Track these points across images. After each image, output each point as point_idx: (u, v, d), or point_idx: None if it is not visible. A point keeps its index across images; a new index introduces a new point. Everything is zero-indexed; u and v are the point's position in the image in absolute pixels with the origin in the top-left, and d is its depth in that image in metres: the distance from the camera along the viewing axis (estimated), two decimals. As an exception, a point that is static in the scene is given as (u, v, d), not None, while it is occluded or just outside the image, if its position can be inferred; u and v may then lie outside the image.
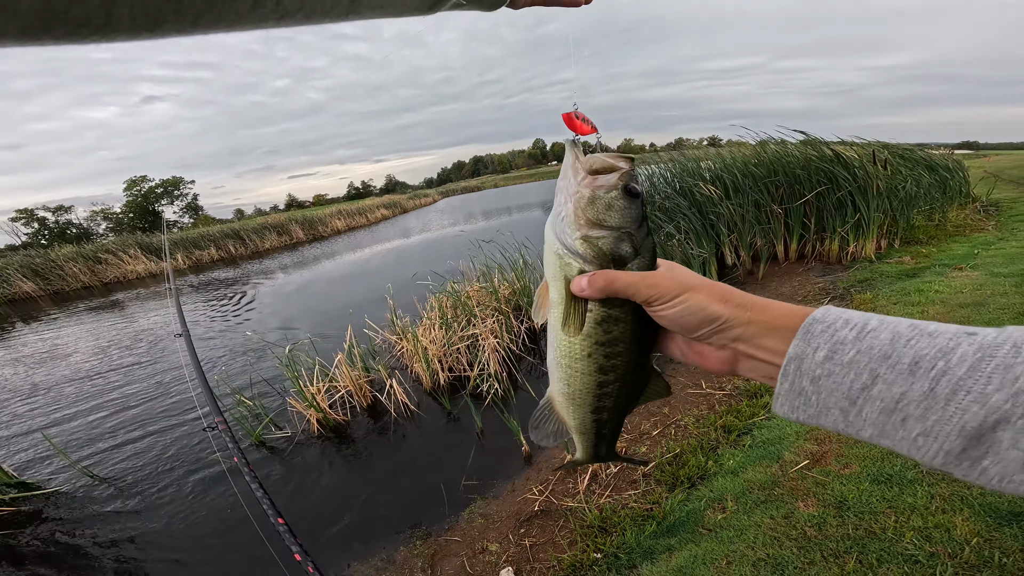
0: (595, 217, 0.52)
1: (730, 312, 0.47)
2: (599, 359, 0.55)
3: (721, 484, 2.53)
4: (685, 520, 2.36)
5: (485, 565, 2.40)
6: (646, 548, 2.27)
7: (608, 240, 0.52)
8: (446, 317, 5.17)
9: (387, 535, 2.81)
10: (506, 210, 25.24)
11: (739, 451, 2.84)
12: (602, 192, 0.52)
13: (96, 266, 17.64)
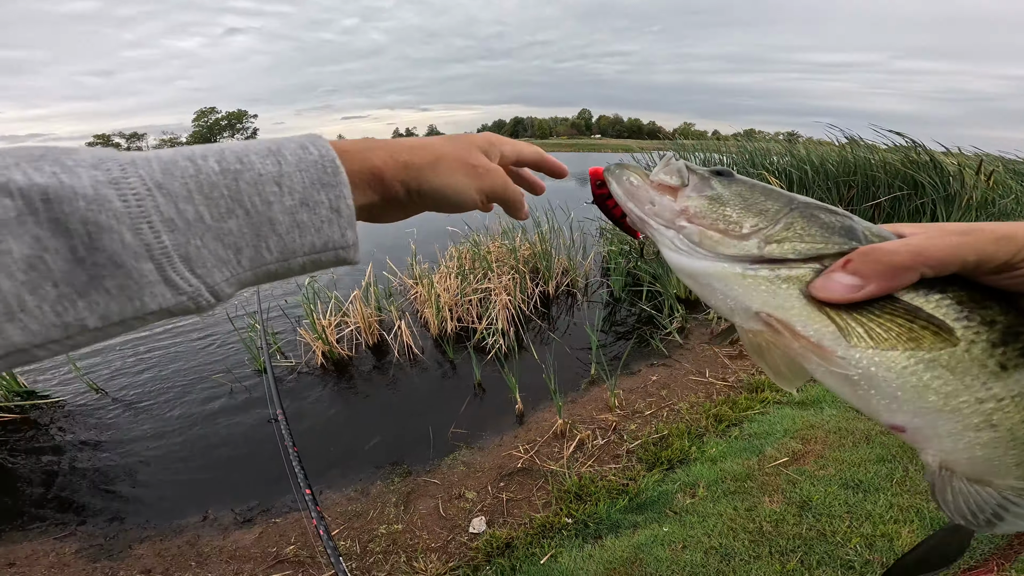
0: (746, 209, 0.35)
1: None
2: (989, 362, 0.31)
3: (698, 470, 2.58)
4: (656, 500, 2.41)
5: (459, 510, 2.49)
6: (614, 521, 2.31)
7: (799, 220, 0.34)
8: (463, 268, 5.17)
9: (366, 468, 2.93)
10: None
11: (724, 441, 2.88)
12: (708, 189, 0.37)
13: None
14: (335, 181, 0.35)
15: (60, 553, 2.44)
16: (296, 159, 0.34)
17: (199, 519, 2.70)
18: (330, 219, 0.35)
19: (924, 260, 0.30)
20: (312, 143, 0.36)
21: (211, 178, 0.31)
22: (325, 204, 0.35)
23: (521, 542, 2.22)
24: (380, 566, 2.17)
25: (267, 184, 0.33)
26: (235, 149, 0.33)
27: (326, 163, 0.35)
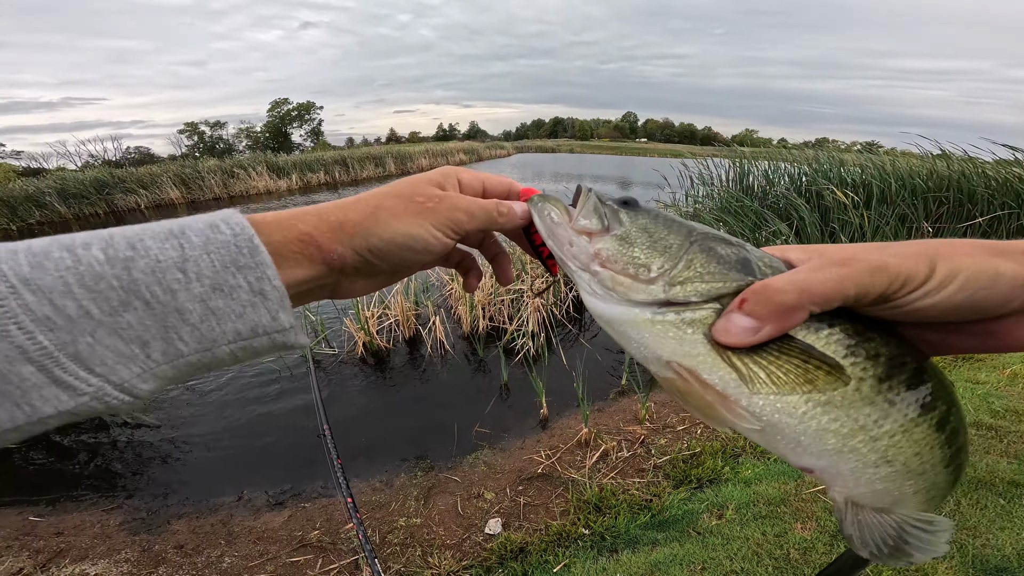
0: (651, 249, 0.34)
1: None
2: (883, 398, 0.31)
3: (728, 491, 2.47)
4: (680, 518, 2.32)
5: (476, 510, 2.50)
6: (633, 536, 2.24)
7: (699, 257, 0.33)
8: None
9: (393, 460, 3.00)
10: (577, 176, 24.30)
11: (762, 463, 2.74)
12: (618, 226, 0.36)
13: (228, 179, 19.09)
14: (253, 262, 0.32)
15: (105, 525, 2.61)
16: (203, 241, 0.31)
17: (234, 499, 2.84)
18: (253, 303, 0.32)
19: (810, 298, 0.29)
20: (225, 220, 0.33)
21: (94, 269, 0.28)
22: (244, 288, 0.32)
23: (535, 548, 2.19)
24: (397, 558, 2.20)
25: (168, 271, 0.30)
26: (127, 234, 0.30)
27: (240, 242, 0.32)
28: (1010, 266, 0.29)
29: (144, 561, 2.24)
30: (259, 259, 0.32)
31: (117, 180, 16.48)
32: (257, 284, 0.32)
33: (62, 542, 2.42)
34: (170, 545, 2.45)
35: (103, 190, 15.89)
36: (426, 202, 0.40)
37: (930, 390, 0.32)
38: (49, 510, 2.70)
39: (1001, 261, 0.29)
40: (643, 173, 26.30)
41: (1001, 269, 0.29)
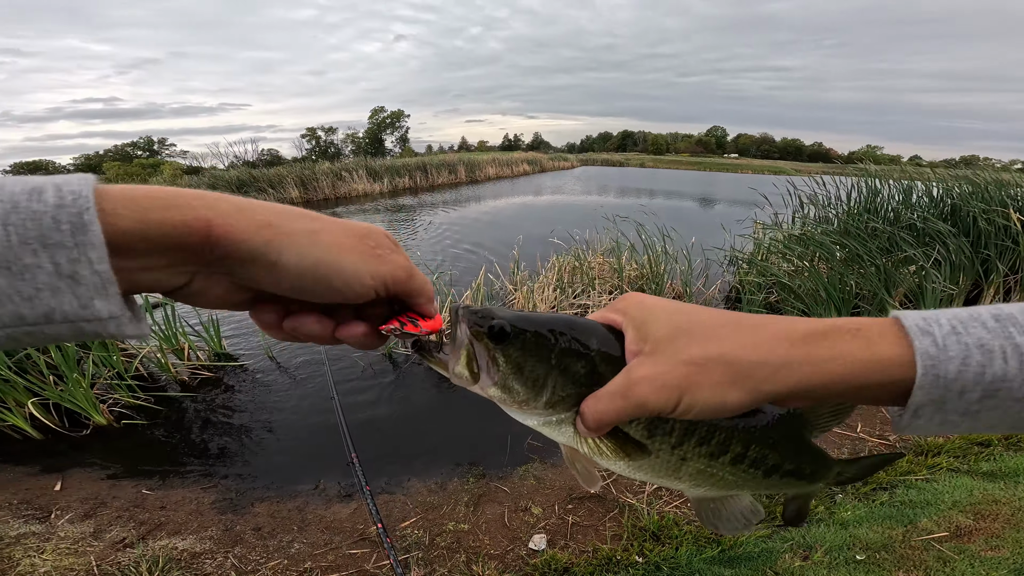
0: (524, 388, 0.42)
1: (759, 395, 0.35)
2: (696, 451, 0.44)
3: (820, 532, 2.17)
4: (755, 556, 2.06)
5: (522, 523, 2.43)
6: (695, 569, 2.03)
7: (559, 382, 0.41)
8: (563, 280, 5.13)
9: (448, 465, 3.03)
10: (648, 192, 22.99)
11: (864, 505, 2.42)
12: (495, 370, 0.42)
13: (336, 181, 21.08)
14: (71, 241, 0.27)
15: (200, 502, 2.86)
16: (6, 208, 0.26)
17: (312, 488, 3.06)
18: (55, 287, 0.27)
19: (604, 424, 0.39)
20: (59, 186, 0.28)
21: None
22: (46, 269, 0.27)
23: (581, 570, 2.07)
24: (442, 561, 2.21)
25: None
26: None
27: (62, 216, 0.27)
28: (736, 396, 0.35)
29: (224, 540, 2.47)
30: (82, 239, 0.27)
31: (253, 180, 18.71)
32: (69, 266, 0.27)
33: (163, 516, 2.70)
34: (249, 526, 2.68)
35: (242, 188, 17.93)
36: (376, 249, 0.38)
37: (722, 439, 0.44)
38: (159, 484, 3.04)
39: (732, 392, 0.35)
40: (731, 190, 24.36)
41: (728, 400, 0.35)
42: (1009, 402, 0.31)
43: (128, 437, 3.53)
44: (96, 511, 2.67)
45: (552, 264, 5.72)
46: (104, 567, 2.11)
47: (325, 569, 2.20)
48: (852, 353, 0.33)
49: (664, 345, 0.37)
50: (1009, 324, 0.32)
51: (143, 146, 66.64)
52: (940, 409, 0.32)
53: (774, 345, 0.35)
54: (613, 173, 41.09)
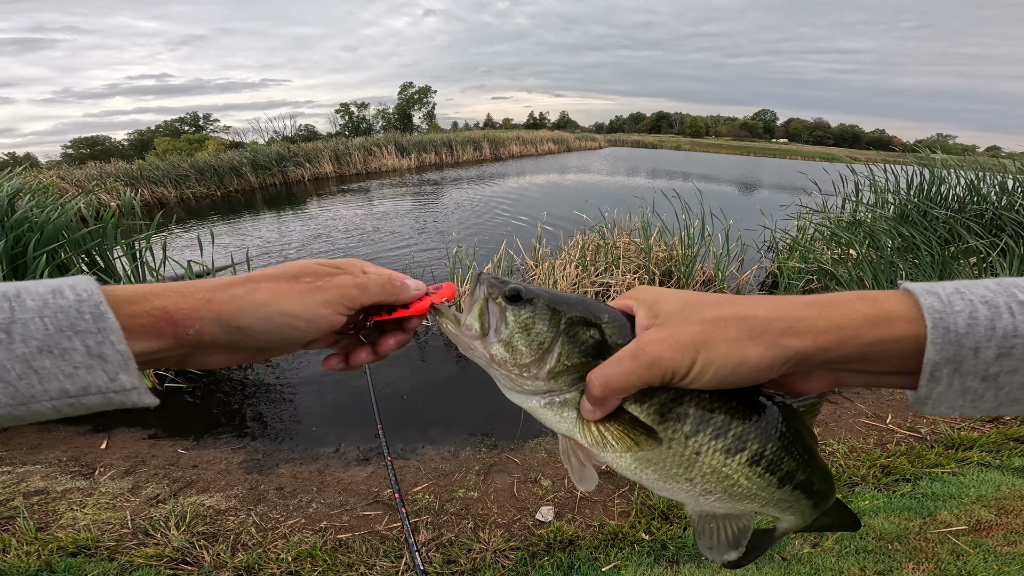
0: (529, 349, 0.41)
1: (779, 351, 0.34)
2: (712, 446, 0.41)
3: None
4: None
5: (530, 494, 2.45)
6: (699, 551, 2.00)
7: (565, 348, 0.40)
8: (585, 258, 5.04)
9: (461, 434, 3.09)
10: (681, 175, 21.92)
11: (884, 496, 2.35)
12: (503, 327, 0.42)
13: (368, 156, 21.77)
14: (95, 327, 0.33)
15: (229, 462, 3.01)
16: (39, 305, 0.32)
17: (332, 451, 3.18)
18: (89, 365, 0.33)
19: (611, 391, 0.37)
20: (72, 287, 0.34)
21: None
22: (80, 351, 0.33)
23: (586, 543, 2.08)
24: (450, 526, 2.26)
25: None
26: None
27: (83, 308, 0.33)
28: (756, 352, 0.34)
29: (248, 498, 2.60)
30: (103, 325, 0.33)
31: (291, 154, 19.31)
32: (97, 348, 0.33)
33: (194, 475, 2.85)
34: (273, 486, 2.82)
35: (280, 163, 18.62)
36: (314, 282, 0.41)
37: (740, 432, 0.40)
38: (194, 444, 3.23)
39: (751, 347, 0.34)
40: (775, 175, 23.20)
41: (747, 356, 0.34)
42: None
43: (170, 400, 3.75)
44: (135, 469, 2.85)
45: (575, 241, 5.63)
46: (137, 521, 2.25)
47: (339, 529, 2.29)
48: (860, 311, 0.33)
49: (675, 315, 0.37)
50: (1011, 285, 0.32)
51: (190, 121, 69.01)
52: (958, 371, 0.31)
53: (786, 304, 0.35)
54: (644, 155, 39.53)
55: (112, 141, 65.64)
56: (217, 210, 13.18)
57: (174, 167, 15.70)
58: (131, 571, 1.89)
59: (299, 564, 2.01)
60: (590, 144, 41.89)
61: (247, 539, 2.19)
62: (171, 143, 44.34)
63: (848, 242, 5.06)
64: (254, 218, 11.75)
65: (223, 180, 16.58)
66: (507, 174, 19.80)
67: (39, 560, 1.91)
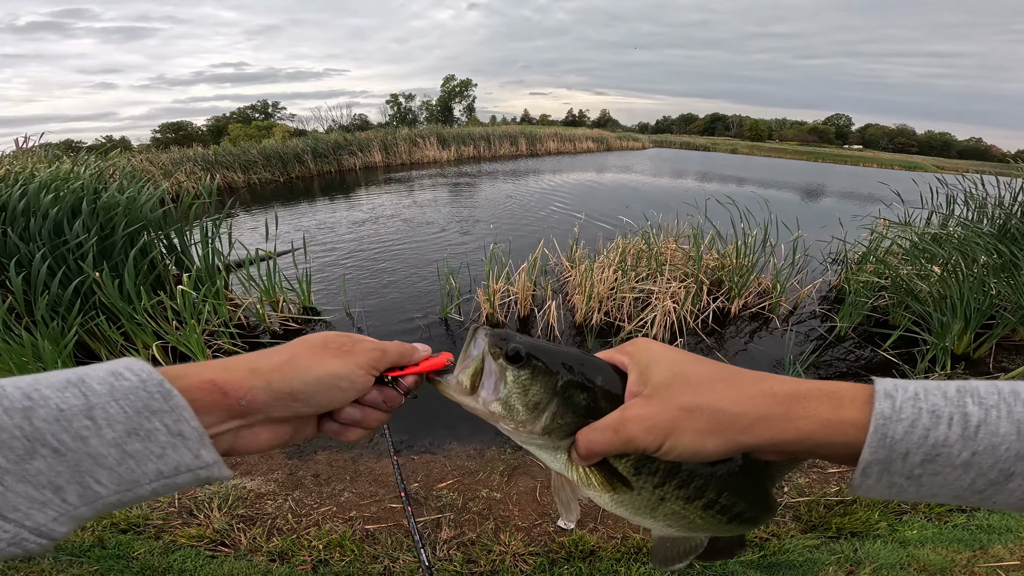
0: (525, 409, 0.45)
1: (734, 445, 0.39)
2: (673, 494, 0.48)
3: (874, 548, 2.01)
4: (797, 565, 1.92)
5: (553, 500, 2.43)
6: (729, 571, 1.92)
7: (559, 410, 0.45)
8: (625, 262, 4.92)
9: (488, 433, 3.08)
10: (736, 179, 20.68)
11: (935, 525, 2.22)
12: (503, 386, 0.45)
13: (412, 147, 22.42)
14: (167, 406, 0.34)
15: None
16: (107, 388, 0.33)
17: (366, 441, 3.30)
18: (173, 444, 0.34)
19: (594, 454, 0.43)
20: (128, 368, 0.34)
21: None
22: (162, 430, 0.33)
23: (607, 555, 2.04)
24: (472, 526, 2.28)
25: (74, 419, 0.31)
26: (20, 384, 0.31)
27: (150, 388, 0.34)
28: (713, 444, 0.38)
29: (286, 483, 2.74)
30: (173, 403, 0.34)
31: (346, 143, 20.05)
32: (175, 426, 0.34)
33: (240, 458, 3.08)
34: (310, 473, 2.95)
35: (337, 151, 19.31)
36: (341, 347, 0.45)
37: (700, 484, 0.46)
38: None
39: (710, 440, 0.38)
40: (846, 183, 21.67)
41: (705, 447, 0.39)
42: (948, 469, 0.33)
43: None
44: None
45: (616, 245, 5.49)
46: (184, 501, 2.40)
47: (367, 519, 2.37)
48: (821, 414, 0.36)
49: (661, 390, 0.40)
50: (967, 395, 0.34)
51: (260, 109, 73.10)
52: (886, 470, 0.34)
53: (758, 400, 0.38)
54: (693, 156, 37.63)
55: (193, 127, 70.32)
56: (279, 196, 13.83)
57: (244, 153, 16.42)
58: (174, 550, 2.02)
59: (328, 552, 2.09)
60: (632, 144, 40.41)
61: (282, 524, 2.30)
62: (243, 130, 46.87)
63: (933, 256, 4.63)
64: (310, 204, 12.31)
65: (286, 167, 17.25)
66: (543, 170, 19.66)
67: (93, 536, 2.07)
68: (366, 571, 1.98)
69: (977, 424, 0.32)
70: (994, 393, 0.34)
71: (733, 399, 0.39)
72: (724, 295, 4.99)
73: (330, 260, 6.97)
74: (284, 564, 2.00)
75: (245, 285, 4.83)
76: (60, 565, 1.87)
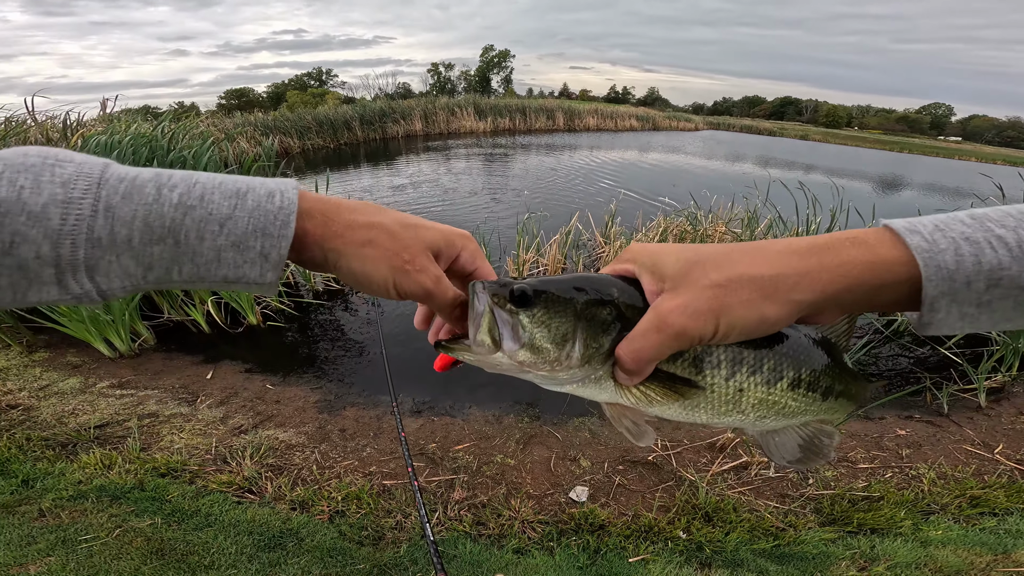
0: (554, 345, 0.42)
1: (793, 307, 0.36)
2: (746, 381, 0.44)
3: (893, 546, 1.96)
4: (810, 557, 1.88)
5: (567, 472, 2.45)
6: (739, 558, 1.89)
7: (589, 332, 0.41)
8: (666, 242, 4.74)
9: (507, 400, 3.13)
10: (804, 166, 19.07)
11: (961, 527, 2.12)
12: (522, 331, 0.42)
13: (450, 116, 22.40)
14: (279, 233, 0.36)
15: (305, 401, 3.28)
16: (254, 205, 0.36)
17: (392, 400, 3.41)
18: (253, 261, 0.36)
19: (644, 364, 0.39)
20: (282, 192, 0.37)
21: (162, 209, 0.33)
22: (256, 249, 0.36)
23: (616, 531, 2.04)
24: (484, 489, 2.34)
25: (210, 223, 0.34)
26: (208, 185, 0.36)
27: (280, 215, 0.36)
28: (773, 310, 0.37)
29: (315, 436, 2.87)
30: (284, 232, 0.37)
31: (391, 110, 20.39)
32: (268, 250, 0.36)
33: (274, 409, 3.13)
34: (337, 427, 3.08)
35: (382, 119, 19.70)
36: (405, 263, 0.43)
37: (773, 365, 0.43)
38: (280, 381, 3.51)
39: (768, 306, 0.36)
40: (936, 175, 20.27)
41: (766, 315, 0.37)
42: (1016, 290, 0.32)
43: (269, 337, 4.14)
44: (229, 399, 3.21)
45: (657, 223, 5.30)
46: (219, 448, 2.57)
47: (386, 475, 2.47)
48: (858, 258, 0.35)
49: (683, 279, 0.38)
50: (985, 220, 0.34)
51: (315, 76, 74.62)
52: (954, 301, 0.33)
53: (787, 259, 0.36)
54: (755, 141, 34.72)
55: (254, 93, 72.87)
56: (328, 161, 14.26)
57: (300, 119, 16.97)
58: (205, 495, 2.17)
59: (346, 504, 2.20)
60: (684, 125, 37.78)
61: (307, 475, 2.44)
62: (299, 96, 48.20)
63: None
64: (356, 169, 12.76)
65: (336, 133, 17.74)
66: (579, 146, 19.10)
67: (135, 479, 2.24)
68: (379, 524, 2.07)
69: (1018, 243, 0.32)
70: (1007, 215, 0.34)
71: (761, 263, 0.37)
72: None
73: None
74: (304, 513, 2.13)
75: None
76: (101, 505, 2.05)
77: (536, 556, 1.93)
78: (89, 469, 2.29)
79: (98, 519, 1.96)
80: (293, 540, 1.97)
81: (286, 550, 1.91)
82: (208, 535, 1.93)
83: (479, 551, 1.94)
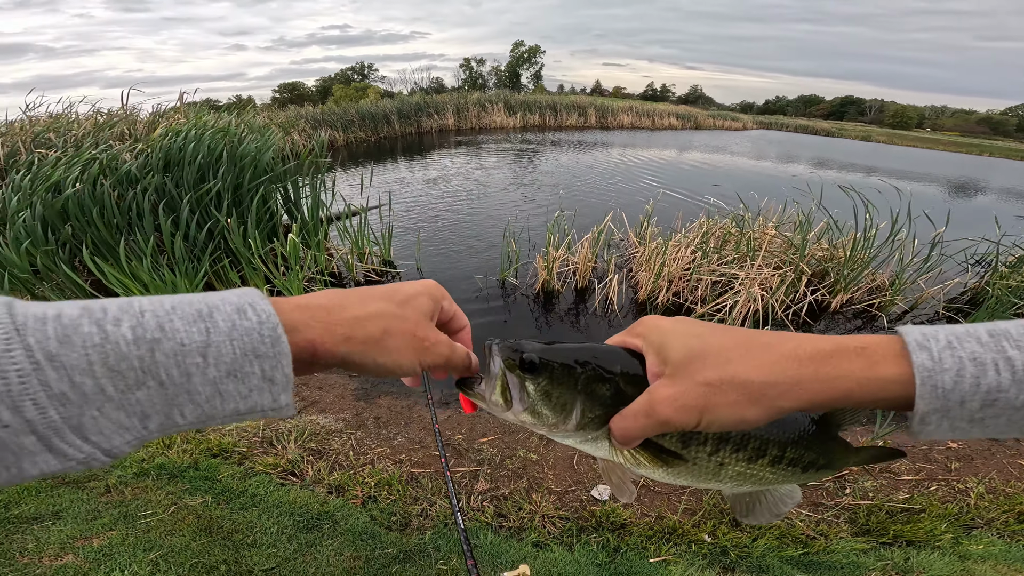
0: (553, 412, 0.46)
1: (775, 411, 0.38)
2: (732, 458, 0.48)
3: (930, 559, 1.90)
4: (839, 566, 1.85)
5: (590, 470, 2.46)
6: (764, 564, 1.86)
7: (586, 405, 0.45)
8: (707, 244, 4.62)
9: (535, 393, 3.19)
10: (863, 168, 17.79)
11: (1005, 543, 2.04)
12: (526, 396, 0.46)
13: (481, 112, 22.86)
14: (273, 352, 0.34)
15: (345, 388, 3.44)
16: (229, 326, 0.33)
17: (422, 390, 3.51)
18: (260, 388, 0.34)
19: (631, 440, 0.43)
20: (251, 305, 0.34)
21: (119, 348, 0.29)
22: (256, 374, 0.34)
23: (638, 531, 2.05)
24: (506, 482, 2.40)
25: (189, 355, 0.31)
26: (159, 312, 0.31)
27: (265, 332, 0.34)
28: (754, 413, 0.38)
29: (351, 423, 3.01)
30: (278, 349, 0.34)
31: (425, 105, 20.95)
32: (270, 372, 0.34)
33: (318, 395, 3.31)
34: (372, 415, 3.22)
35: (418, 112, 20.30)
36: (423, 342, 0.45)
37: (758, 445, 0.47)
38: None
39: (750, 409, 0.38)
40: (1018, 180, 18.85)
41: (746, 417, 0.38)
42: (1009, 410, 0.33)
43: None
44: None
45: (699, 225, 5.16)
46: (267, 432, 2.73)
47: (414, 463, 2.57)
48: (856, 372, 0.35)
49: (682, 369, 0.40)
50: (1003, 339, 0.34)
51: (358, 71, 76.96)
52: (946, 416, 0.34)
53: (784, 366, 0.37)
54: (810, 141, 32.66)
55: (305, 87, 75.70)
56: (369, 154, 14.85)
57: (345, 112, 17.69)
58: (251, 476, 2.33)
59: (378, 490, 2.31)
60: (731, 124, 35.84)
61: (343, 460, 2.57)
62: (344, 90, 49.89)
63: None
64: (394, 162, 13.18)
65: (376, 127, 18.39)
66: (612, 143, 18.79)
67: (190, 458, 2.41)
68: (407, 511, 2.17)
69: (1023, 367, 0.33)
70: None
71: (756, 367, 0.38)
72: (827, 288, 4.58)
73: (405, 215, 7.35)
74: (339, 497, 2.25)
75: (341, 236, 5.29)
76: (160, 482, 2.23)
77: (555, 550, 1.97)
78: (151, 447, 2.49)
79: (156, 496, 2.14)
80: (329, 522, 2.09)
81: (322, 531, 2.03)
82: (252, 515, 2.08)
83: (499, 542, 2.00)
